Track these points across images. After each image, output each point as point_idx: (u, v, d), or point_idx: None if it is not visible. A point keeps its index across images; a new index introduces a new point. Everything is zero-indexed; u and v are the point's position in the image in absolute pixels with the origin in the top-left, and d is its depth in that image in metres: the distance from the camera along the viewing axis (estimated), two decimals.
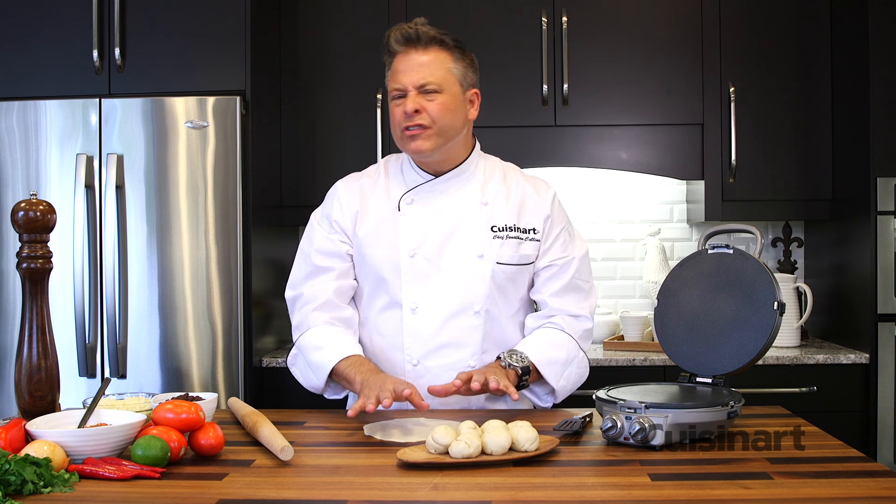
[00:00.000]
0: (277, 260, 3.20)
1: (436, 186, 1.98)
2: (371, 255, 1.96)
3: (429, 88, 1.88)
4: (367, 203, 2.00)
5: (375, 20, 3.15)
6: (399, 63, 1.91)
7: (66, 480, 1.31)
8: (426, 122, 1.88)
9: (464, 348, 1.93)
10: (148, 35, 2.85)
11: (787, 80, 3.11)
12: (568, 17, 3.09)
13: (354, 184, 2.04)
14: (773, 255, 3.39)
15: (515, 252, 1.96)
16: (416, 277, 1.93)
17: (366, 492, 1.31)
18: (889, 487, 1.29)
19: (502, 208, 1.98)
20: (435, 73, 1.89)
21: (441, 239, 1.94)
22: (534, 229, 1.99)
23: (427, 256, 1.93)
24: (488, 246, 1.94)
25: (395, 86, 1.91)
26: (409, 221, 1.96)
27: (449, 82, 1.90)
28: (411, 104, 1.87)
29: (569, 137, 3.14)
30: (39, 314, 1.60)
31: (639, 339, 3.08)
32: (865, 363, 2.84)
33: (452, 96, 1.91)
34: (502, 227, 1.96)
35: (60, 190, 2.78)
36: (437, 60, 1.90)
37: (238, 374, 2.77)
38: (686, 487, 1.30)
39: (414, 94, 1.88)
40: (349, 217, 1.99)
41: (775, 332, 1.63)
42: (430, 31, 1.91)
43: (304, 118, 3.19)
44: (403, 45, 1.90)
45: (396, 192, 2.00)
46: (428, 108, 1.88)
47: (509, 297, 1.98)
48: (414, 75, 1.88)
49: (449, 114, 1.90)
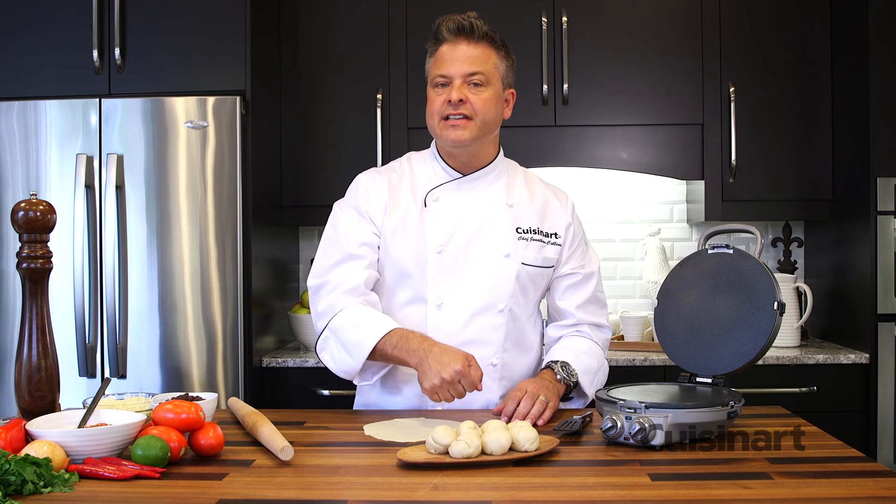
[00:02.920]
0: (277, 260, 3.20)
1: (462, 185, 1.99)
2: (396, 250, 1.95)
3: (476, 80, 1.90)
4: (396, 197, 1.98)
5: (375, 20, 3.15)
6: (447, 52, 1.92)
7: (66, 480, 1.31)
8: (469, 112, 1.89)
9: (487, 346, 1.94)
10: (148, 35, 2.85)
11: (787, 80, 3.11)
12: (568, 17, 3.09)
13: (380, 177, 2.02)
14: (773, 255, 3.39)
15: (539, 254, 1.98)
16: (443, 274, 1.93)
17: (366, 492, 1.31)
18: (889, 487, 1.29)
19: (527, 211, 2.01)
20: (483, 65, 1.91)
21: (468, 236, 1.94)
22: (556, 234, 2.02)
23: (454, 253, 1.93)
24: (514, 246, 1.95)
25: (441, 72, 1.91)
26: (435, 218, 1.96)
27: (494, 78, 1.93)
28: (457, 93, 1.88)
29: (569, 137, 3.14)
30: (39, 314, 1.60)
31: (639, 339, 3.08)
32: (865, 363, 2.84)
33: (495, 93, 1.93)
34: (527, 230, 1.98)
35: (60, 190, 2.78)
36: (485, 54, 1.92)
37: (238, 374, 2.77)
38: (686, 487, 1.30)
39: (459, 84, 1.89)
40: (379, 208, 1.97)
41: (775, 332, 1.63)
42: (484, 26, 1.93)
43: (304, 118, 3.19)
44: (455, 35, 1.92)
45: (422, 188, 2.00)
46: (472, 100, 1.89)
47: (529, 298, 2.00)
48: (462, 65, 1.89)
49: (492, 108, 1.92)
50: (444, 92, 1.91)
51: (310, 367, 2.86)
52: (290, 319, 3.19)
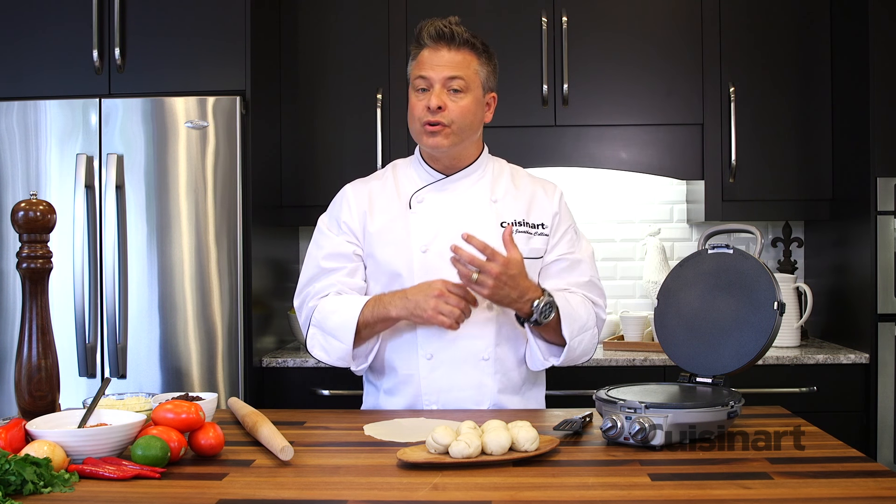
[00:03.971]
0: (277, 260, 3.20)
1: (446, 185, 2.01)
2: (383, 253, 1.98)
3: (454, 86, 1.92)
4: (375, 204, 2.02)
5: (375, 20, 3.15)
6: (428, 56, 1.94)
7: (66, 480, 1.31)
8: (446, 120, 1.91)
9: (478, 341, 1.94)
10: (148, 35, 2.85)
11: (787, 80, 3.11)
12: (568, 17, 3.09)
13: (362, 187, 2.07)
14: (773, 255, 3.39)
15: (525, 246, 1.97)
16: (429, 273, 1.93)
17: (366, 492, 1.31)
18: (889, 487, 1.29)
19: (511, 205, 2.02)
20: (464, 70, 1.92)
21: (453, 235, 1.95)
22: (542, 224, 2.02)
23: (439, 252, 1.94)
24: (498, 241, 1.95)
25: (421, 74, 1.93)
26: (420, 219, 1.98)
27: (474, 84, 1.94)
28: (436, 100, 1.90)
29: (569, 137, 3.14)
30: (39, 314, 1.60)
31: (639, 339, 3.08)
32: (865, 363, 2.84)
33: (474, 99, 1.95)
34: (511, 222, 1.98)
35: (60, 190, 2.78)
36: (465, 61, 1.93)
37: (238, 374, 2.77)
38: (686, 487, 1.30)
39: (439, 89, 1.91)
40: (357, 217, 2.01)
41: (775, 332, 1.63)
42: (465, 32, 1.94)
43: (304, 118, 3.19)
44: (436, 41, 1.93)
45: (407, 191, 2.03)
46: (450, 108, 1.91)
47: None
48: (442, 70, 1.91)
49: (469, 115, 1.94)
50: (424, 97, 1.93)
51: (310, 367, 2.86)
52: (290, 319, 3.19)
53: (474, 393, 1.93)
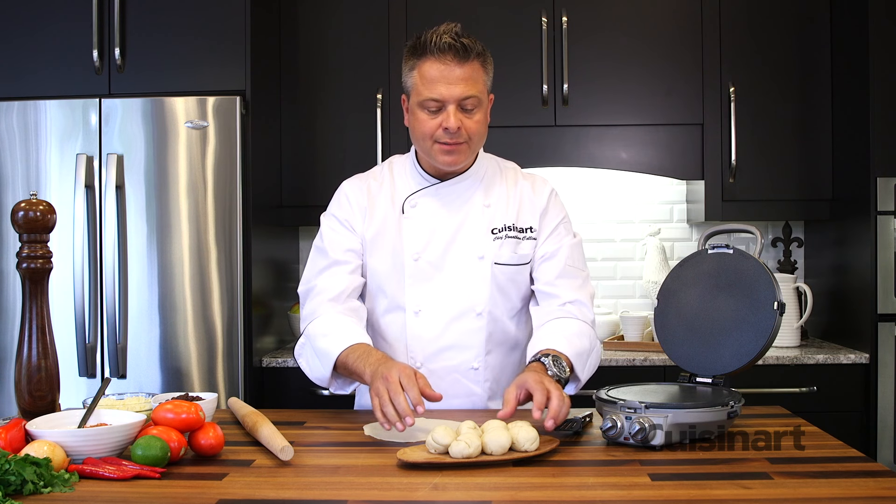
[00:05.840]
0: (277, 260, 3.20)
1: (440, 190, 1.98)
2: (374, 260, 1.96)
3: (469, 105, 1.85)
4: (373, 203, 1.99)
5: (375, 20, 3.15)
6: (438, 74, 1.84)
7: (66, 480, 1.31)
8: (464, 138, 1.87)
9: (468, 350, 1.93)
10: (148, 35, 2.85)
11: (787, 80, 3.12)
12: (568, 17, 3.09)
13: (361, 184, 2.03)
14: (773, 255, 3.39)
15: (514, 252, 1.95)
16: (419, 280, 1.92)
17: (366, 492, 1.31)
18: (889, 487, 1.29)
19: (503, 209, 1.98)
20: (475, 87, 1.86)
21: (445, 242, 1.94)
22: (531, 227, 1.98)
23: (430, 260, 1.93)
24: (488, 247, 1.94)
25: (434, 96, 1.84)
26: (412, 225, 1.96)
27: (483, 97, 1.90)
28: (454, 121, 1.83)
29: (569, 137, 3.14)
30: (39, 314, 1.60)
31: (639, 339, 3.08)
32: (865, 363, 2.84)
33: (484, 111, 1.91)
34: (501, 228, 1.96)
35: (60, 190, 2.78)
36: (475, 75, 1.87)
37: (238, 374, 2.77)
38: (686, 487, 1.30)
39: (454, 109, 1.84)
40: (358, 214, 1.98)
41: (775, 332, 1.63)
42: (474, 44, 1.86)
43: (304, 118, 3.19)
44: (443, 53, 1.84)
45: (400, 194, 1.99)
46: (466, 125, 1.86)
47: (511, 297, 1.98)
48: (455, 89, 1.83)
49: (484, 128, 1.92)
50: (437, 116, 1.86)
51: None
52: (290, 319, 3.19)
53: (464, 402, 1.92)
